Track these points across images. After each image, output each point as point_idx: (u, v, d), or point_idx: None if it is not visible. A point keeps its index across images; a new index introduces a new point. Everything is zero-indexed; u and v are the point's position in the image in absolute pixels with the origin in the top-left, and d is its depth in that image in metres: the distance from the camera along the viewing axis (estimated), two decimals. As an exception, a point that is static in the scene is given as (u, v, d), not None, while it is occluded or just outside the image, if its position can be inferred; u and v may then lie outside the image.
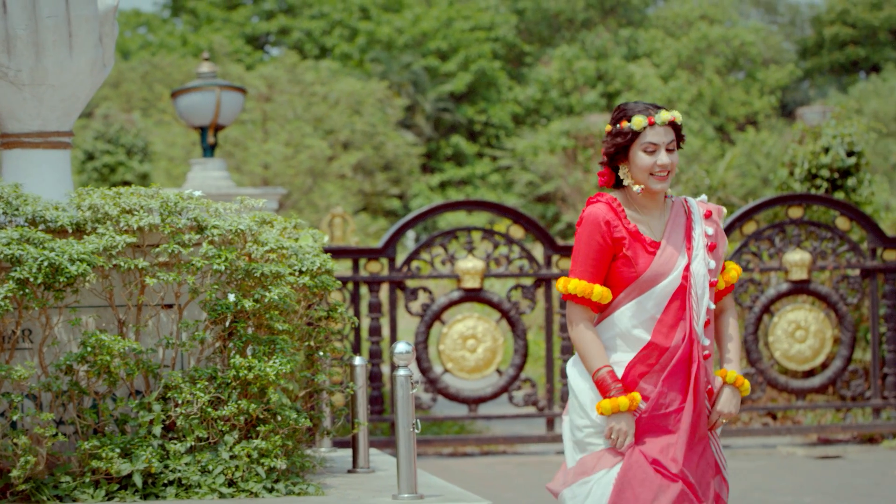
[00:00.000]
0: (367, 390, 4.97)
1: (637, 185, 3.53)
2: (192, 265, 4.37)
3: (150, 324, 4.48)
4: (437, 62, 33.09)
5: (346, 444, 7.46)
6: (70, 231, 4.44)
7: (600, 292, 3.51)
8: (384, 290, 13.02)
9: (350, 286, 9.30)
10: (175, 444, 4.27)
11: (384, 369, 11.62)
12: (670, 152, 3.53)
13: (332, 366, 5.12)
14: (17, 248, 4.16)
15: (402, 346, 4.20)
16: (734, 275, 3.65)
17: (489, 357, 9.47)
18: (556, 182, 26.21)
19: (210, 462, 4.26)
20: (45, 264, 4.14)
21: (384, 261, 9.37)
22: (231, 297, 4.37)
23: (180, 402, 4.30)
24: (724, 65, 33.65)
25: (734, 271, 3.65)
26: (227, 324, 4.42)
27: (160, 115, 26.02)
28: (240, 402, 4.30)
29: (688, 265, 3.53)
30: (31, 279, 4.14)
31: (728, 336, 3.63)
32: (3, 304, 4.11)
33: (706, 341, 3.54)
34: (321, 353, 4.96)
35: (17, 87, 4.83)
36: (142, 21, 36.94)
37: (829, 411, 9.93)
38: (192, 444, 4.29)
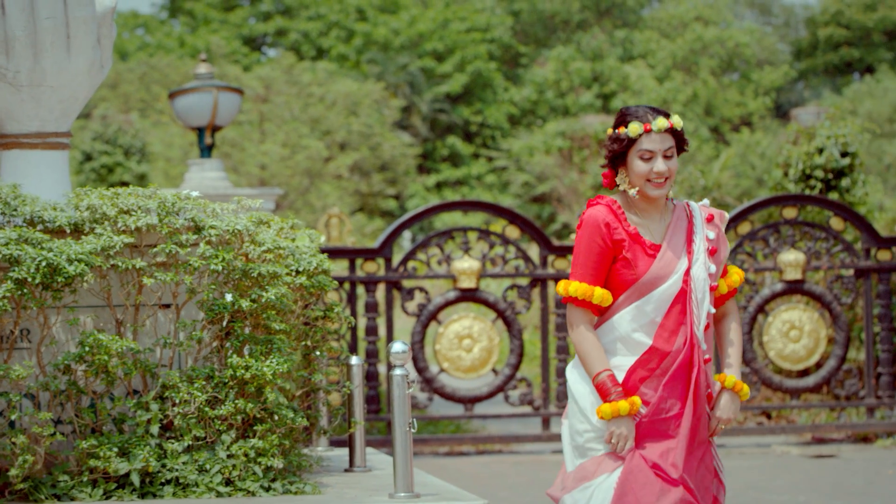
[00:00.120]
0: (363, 390, 4.99)
1: (632, 190, 3.52)
2: (190, 265, 4.38)
3: (147, 323, 4.49)
4: (433, 63, 33.11)
5: (343, 443, 7.48)
6: (68, 231, 4.45)
7: (601, 295, 3.49)
8: (381, 290, 13.05)
9: (347, 286, 9.33)
10: (172, 444, 4.28)
11: (381, 369, 11.64)
12: (668, 159, 3.50)
13: (328, 365, 5.14)
14: (16, 249, 4.18)
15: (398, 346, 4.21)
16: (736, 279, 3.62)
17: (485, 357, 9.49)
18: (551, 183, 26.24)
19: (207, 461, 4.28)
20: (44, 264, 4.16)
21: (381, 261, 9.40)
22: (228, 297, 4.39)
23: (178, 401, 4.32)
24: (719, 66, 33.70)
25: (736, 275, 3.63)
26: (224, 323, 4.43)
27: (158, 116, 26.02)
28: (237, 401, 4.31)
29: (688, 269, 3.51)
30: (30, 279, 4.16)
31: (729, 341, 3.60)
32: (1, 303, 4.12)
33: (705, 346, 3.51)
34: (318, 353, 4.98)
35: (16, 88, 4.85)
36: (139, 22, 36.93)
37: (823, 410, 9.97)
38: (190, 443, 4.31)
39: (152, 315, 4.50)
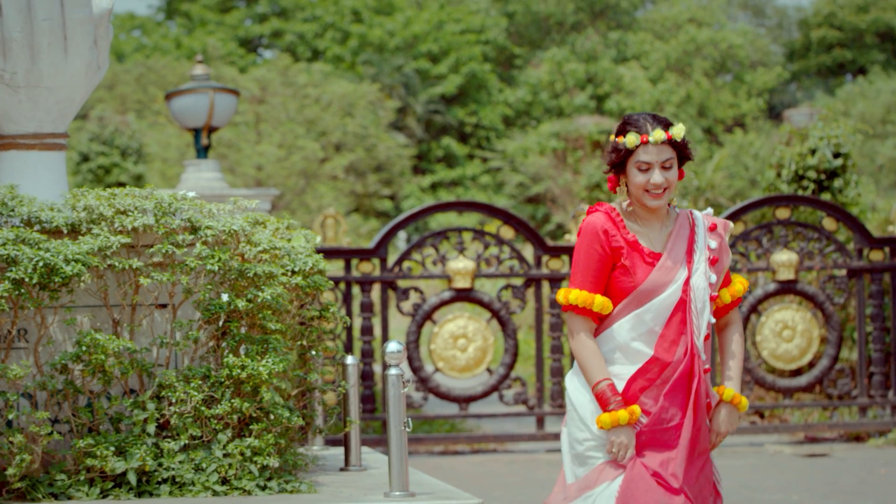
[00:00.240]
0: (358, 389, 5.02)
1: (625, 202, 3.52)
2: (186, 265, 4.40)
3: (144, 323, 4.51)
4: (428, 65, 33.13)
5: (339, 442, 7.50)
6: (65, 232, 4.47)
7: (601, 302, 3.48)
8: (376, 290, 13.07)
9: (342, 286, 9.35)
10: (169, 443, 4.30)
11: (376, 368, 11.67)
12: (667, 170, 3.47)
13: (324, 365, 5.16)
14: (13, 249, 4.20)
15: (393, 346, 4.24)
16: (740, 288, 3.60)
17: (480, 356, 9.53)
18: (545, 183, 26.28)
19: (204, 460, 4.30)
20: (41, 264, 4.18)
21: (376, 261, 9.42)
22: (224, 297, 4.41)
23: (174, 400, 4.34)
24: (712, 67, 33.76)
25: (740, 284, 3.60)
26: (220, 323, 4.45)
27: (154, 117, 26.04)
28: (233, 400, 4.33)
29: (688, 278, 3.49)
30: (27, 279, 4.18)
31: (731, 353, 3.58)
32: (-1, 303, 4.15)
33: (704, 356, 3.50)
34: (313, 353, 5.00)
35: (13, 89, 4.87)
36: (136, 24, 36.93)
37: (815, 410, 10.01)
38: (186, 442, 4.32)
39: (149, 315, 4.52)
